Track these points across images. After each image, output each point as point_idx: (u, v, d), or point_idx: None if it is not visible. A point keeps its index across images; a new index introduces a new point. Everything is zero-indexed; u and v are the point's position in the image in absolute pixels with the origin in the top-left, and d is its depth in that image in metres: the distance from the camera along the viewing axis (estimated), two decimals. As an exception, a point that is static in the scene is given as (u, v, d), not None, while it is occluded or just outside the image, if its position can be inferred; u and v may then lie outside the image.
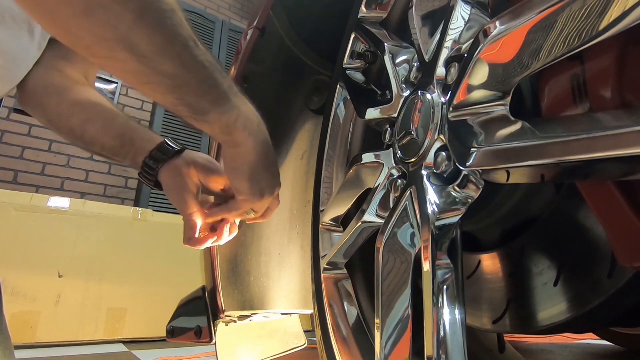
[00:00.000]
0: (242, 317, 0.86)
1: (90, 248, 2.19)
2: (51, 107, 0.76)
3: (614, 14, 0.27)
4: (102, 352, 1.96)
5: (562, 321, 0.47)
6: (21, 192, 2.14)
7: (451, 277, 0.41)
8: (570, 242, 0.49)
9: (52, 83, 0.76)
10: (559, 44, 0.31)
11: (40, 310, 2.01)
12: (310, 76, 0.90)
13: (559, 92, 0.41)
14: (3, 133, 3.04)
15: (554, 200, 0.51)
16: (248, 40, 0.84)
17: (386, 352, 0.46)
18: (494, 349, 0.69)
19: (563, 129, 0.33)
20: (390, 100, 0.60)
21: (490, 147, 0.38)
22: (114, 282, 2.22)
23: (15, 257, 1.99)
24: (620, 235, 0.37)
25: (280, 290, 0.88)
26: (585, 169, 0.31)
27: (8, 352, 0.72)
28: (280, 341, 1.03)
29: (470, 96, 0.41)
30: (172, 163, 0.67)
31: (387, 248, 0.50)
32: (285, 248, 0.89)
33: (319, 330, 0.68)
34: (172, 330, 0.93)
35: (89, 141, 0.73)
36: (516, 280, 0.54)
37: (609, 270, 0.43)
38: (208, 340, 0.84)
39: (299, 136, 0.91)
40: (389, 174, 0.57)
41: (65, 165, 3.26)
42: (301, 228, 0.91)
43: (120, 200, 3.46)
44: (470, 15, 0.47)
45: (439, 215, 0.43)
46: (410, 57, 0.63)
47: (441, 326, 0.39)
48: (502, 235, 0.59)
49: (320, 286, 0.70)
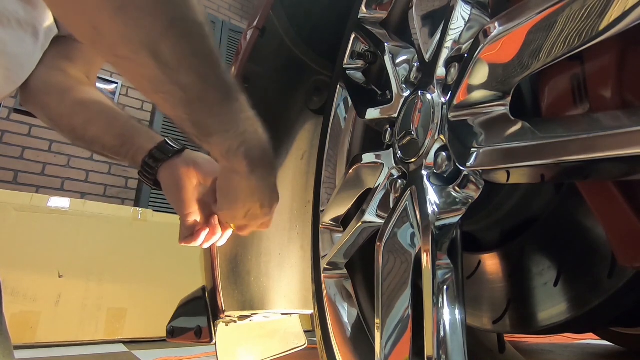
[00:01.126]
0: (242, 317, 0.86)
1: (90, 248, 2.19)
2: (53, 107, 0.76)
3: (614, 14, 0.27)
4: (102, 352, 1.96)
5: (562, 321, 0.47)
6: (21, 192, 2.14)
7: (451, 277, 0.41)
8: (570, 242, 0.49)
9: (54, 82, 0.76)
10: (558, 44, 0.31)
11: (40, 310, 2.01)
12: (310, 76, 0.90)
13: (559, 92, 0.41)
14: (3, 133, 3.04)
15: (554, 200, 0.51)
16: (248, 40, 0.84)
17: (386, 352, 0.46)
18: (494, 349, 0.69)
19: (563, 129, 0.33)
20: (390, 100, 0.60)
21: (490, 147, 0.38)
22: (114, 282, 2.22)
23: (15, 257, 1.99)
24: (620, 235, 0.37)
25: (280, 290, 0.88)
26: (585, 169, 0.31)
27: (8, 352, 0.72)
28: (280, 341, 1.03)
29: (470, 96, 0.41)
30: (171, 162, 0.67)
31: (387, 248, 0.50)
32: (285, 248, 0.89)
33: (319, 330, 0.68)
34: (172, 330, 0.93)
35: (90, 140, 0.73)
36: (516, 280, 0.54)
37: (609, 270, 0.43)
38: (208, 340, 0.84)
39: (299, 136, 0.91)
40: (389, 174, 0.57)
41: (65, 165, 3.26)
42: (301, 228, 0.91)
43: (120, 200, 3.46)
44: (470, 15, 0.47)
45: (439, 215, 0.43)
46: (410, 57, 0.63)
47: (441, 326, 0.39)
48: (502, 235, 0.59)
49: (320, 286, 0.70)
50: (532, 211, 0.54)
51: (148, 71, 0.42)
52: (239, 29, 4.42)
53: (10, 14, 0.64)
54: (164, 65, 0.42)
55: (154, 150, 0.68)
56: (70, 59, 0.79)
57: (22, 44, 0.67)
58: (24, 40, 0.67)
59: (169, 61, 0.42)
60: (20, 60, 0.69)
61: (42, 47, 0.73)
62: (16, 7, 0.64)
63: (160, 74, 0.42)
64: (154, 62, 0.41)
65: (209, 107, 0.48)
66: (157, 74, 0.42)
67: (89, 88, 0.78)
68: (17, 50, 0.67)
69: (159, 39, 0.40)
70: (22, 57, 0.69)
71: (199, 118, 0.48)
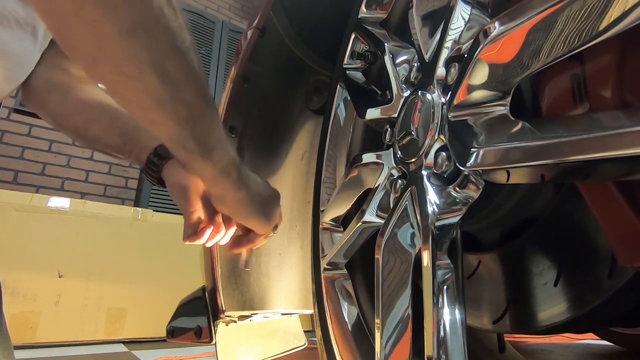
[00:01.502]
0: (242, 317, 0.86)
1: (90, 248, 2.19)
2: (54, 106, 0.76)
3: (614, 14, 0.27)
4: (102, 352, 1.96)
5: (562, 321, 0.47)
6: (21, 192, 2.14)
7: (451, 277, 0.41)
8: (570, 242, 0.49)
9: (55, 81, 0.76)
10: (559, 44, 0.31)
11: (40, 310, 2.01)
12: (310, 76, 0.90)
13: (559, 92, 0.41)
14: (3, 133, 3.04)
15: (554, 200, 0.51)
16: (248, 40, 0.84)
17: (386, 352, 0.46)
18: (494, 349, 0.69)
19: (563, 129, 0.33)
20: (390, 100, 0.60)
21: (490, 147, 0.38)
22: (114, 282, 2.22)
23: (15, 257, 1.99)
24: (620, 235, 0.37)
25: (280, 290, 0.88)
26: (585, 169, 0.31)
27: (7, 352, 0.72)
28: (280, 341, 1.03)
29: (470, 96, 0.41)
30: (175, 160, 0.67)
31: (387, 248, 0.50)
32: (285, 248, 0.89)
33: (319, 330, 0.68)
34: (172, 330, 0.93)
35: (93, 139, 0.73)
36: (516, 280, 0.54)
37: (609, 270, 0.43)
38: (208, 340, 0.84)
39: (299, 136, 0.91)
40: (389, 174, 0.57)
41: (65, 165, 3.26)
42: (301, 228, 0.91)
43: (120, 200, 3.46)
44: (470, 15, 0.47)
45: (439, 215, 0.43)
46: (410, 57, 0.63)
47: (441, 326, 0.39)
48: (502, 235, 0.59)
49: (320, 286, 0.70)
50: (532, 211, 0.54)
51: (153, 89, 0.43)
52: (239, 29, 4.42)
53: (9, 13, 0.64)
54: (168, 84, 0.43)
55: (159, 148, 0.68)
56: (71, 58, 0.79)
57: (22, 43, 0.67)
58: (23, 39, 0.67)
59: (174, 79, 0.43)
60: (19, 60, 0.69)
61: (41, 46, 0.73)
62: (15, 7, 0.64)
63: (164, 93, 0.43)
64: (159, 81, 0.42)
65: (209, 122, 0.50)
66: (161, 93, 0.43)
67: (90, 87, 0.78)
68: (17, 50, 0.67)
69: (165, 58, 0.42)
70: (21, 56, 0.69)
71: (202, 134, 0.50)
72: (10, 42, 0.65)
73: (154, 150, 0.68)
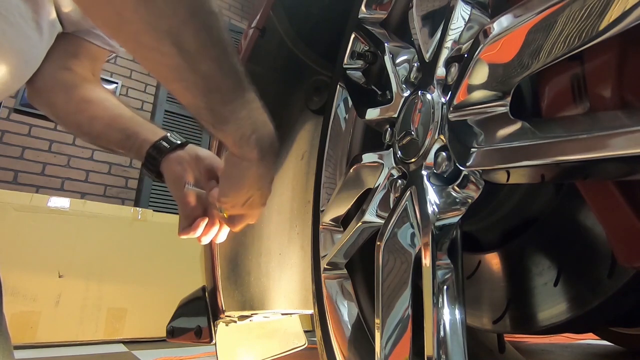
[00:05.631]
0: (242, 317, 0.86)
1: (90, 248, 2.19)
2: (59, 104, 0.77)
3: (614, 14, 0.27)
4: (102, 352, 1.96)
5: (562, 321, 0.47)
6: (21, 192, 2.14)
7: (451, 277, 0.41)
8: (570, 242, 0.49)
9: (60, 80, 0.77)
10: (558, 44, 0.31)
11: (40, 310, 2.01)
12: (310, 76, 0.90)
13: (559, 92, 0.41)
14: (3, 133, 3.04)
15: (554, 201, 0.51)
16: (248, 40, 0.84)
17: (386, 352, 0.46)
18: (494, 349, 0.69)
19: (563, 129, 0.33)
20: (390, 100, 0.60)
21: (490, 147, 0.38)
22: (114, 282, 2.22)
23: (15, 257, 1.99)
24: (620, 235, 0.37)
25: (280, 290, 0.88)
26: (585, 169, 0.31)
27: (7, 352, 0.72)
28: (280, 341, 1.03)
29: (470, 96, 0.41)
30: (174, 154, 0.69)
31: (387, 248, 0.50)
32: (285, 248, 0.89)
33: (319, 330, 0.68)
34: (172, 330, 0.93)
35: (96, 135, 0.75)
36: (516, 280, 0.54)
37: (609, 270, 0.43)
38: (208, 340, 0.84)
39: (299, 136, 0.91)
40: (389, 174, 0.57)
41: (65, 165, 3.26)
42: (301, 228, 0.90)
43: (120, 200, 3.46)
44: (470, 15, 0.47)
45: (439, 215, 0.43)
46: (410, 57, 0.63)
47: (441, 326, 0.39)
48: (502, 235, 0.59)
49: (320, 286, 0.70)
50: (532, 211, 0.54)
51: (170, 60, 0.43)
52: (239, 29, 4.42)
53: (13, 8, 0.64)
54: (186, 54, 0.43)
55: (158, 142, 0.69)
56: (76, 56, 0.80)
57: (27, 40, 0.68)
58: (29, 36, 0.68)
59: (191, 49, 0.43)
60: (25, 57, 0.69)
61: (47, 43, 0.74)
62: (17, 2, 0.65)
63: (182, 63, 0.44)
64: (177, 51, 0.42)
65: (226, 95, 0.49)
66: (179, 63, 0.44)
67: (94, 85, 0.80)
68: (22, 47, 0.67)
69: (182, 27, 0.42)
70: (26, 53, 0.69)
71: (216, 106, 0.50)
72: (15, 39, 0.65)
73: (154, 144, 0.70)
